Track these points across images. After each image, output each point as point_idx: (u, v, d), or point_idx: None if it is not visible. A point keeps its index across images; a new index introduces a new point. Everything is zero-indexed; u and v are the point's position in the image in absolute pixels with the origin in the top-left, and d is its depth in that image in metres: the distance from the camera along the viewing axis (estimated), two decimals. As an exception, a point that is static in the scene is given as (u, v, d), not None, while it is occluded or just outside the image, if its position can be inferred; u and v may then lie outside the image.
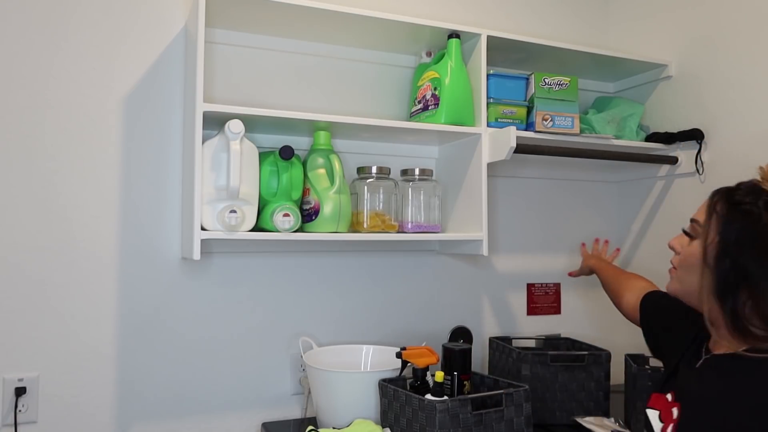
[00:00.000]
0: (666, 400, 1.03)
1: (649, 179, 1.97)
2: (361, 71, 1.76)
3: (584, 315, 2.07)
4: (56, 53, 1.45)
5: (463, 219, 1.68)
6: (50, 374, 1.42)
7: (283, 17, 1.51)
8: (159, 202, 1.53)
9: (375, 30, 1.60)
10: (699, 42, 1.79)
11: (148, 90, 1.53)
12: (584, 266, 1.81)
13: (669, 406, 1.00)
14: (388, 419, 1.32)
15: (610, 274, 1.59)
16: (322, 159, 1.51)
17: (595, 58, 1.81)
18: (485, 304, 1.92)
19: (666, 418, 1.00)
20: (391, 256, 1.79)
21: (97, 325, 1.47)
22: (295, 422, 1.59)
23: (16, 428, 1.37)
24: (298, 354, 1.62)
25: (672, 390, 1.03)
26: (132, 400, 1.49)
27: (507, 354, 1.65)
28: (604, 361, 1.59)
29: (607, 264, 1.68)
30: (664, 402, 1.03)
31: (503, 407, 1.25)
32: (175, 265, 1.54)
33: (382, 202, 1.56)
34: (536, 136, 1.66)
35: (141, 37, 1.53)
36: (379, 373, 1.40)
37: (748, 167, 1.62)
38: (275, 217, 1.39)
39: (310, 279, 1.69)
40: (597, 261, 1.73)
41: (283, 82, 1.67)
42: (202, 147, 1.35)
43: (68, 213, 1.45)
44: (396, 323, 1.79)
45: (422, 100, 1.65)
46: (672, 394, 1.03)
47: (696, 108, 1.79)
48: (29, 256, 1.41)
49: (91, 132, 1.48)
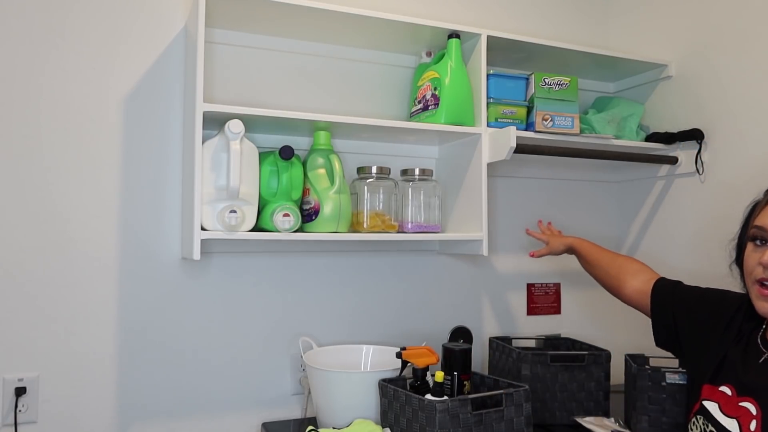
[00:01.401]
0: (725, 394, 1.07)
1: (649, 179, 1.97)
2: (361, 71, 1.76)
3: (584, 315, 2.07)
4: (56, 53, 1.45)
5: (463, 219, 1.68)
6: (50, 374, 1.42)
7: (283, 17, 1.51)
8: (159, 202, 1.53)
9: (375, 30, 1.60)
10: (699, 42, 1.79)
11: (148, 90, 1.53)
12: (557, 245, 1.64)
13: (733, 400, 1.05)
14: (388, 419, 1.32)
15: (598, 254, 1.53)
16: (322, 159, 1.51)
17: (595, 58, 1.81)
18: (485, 304, 1.92)
19: (734, 412, 1.04)
20: (391, 256, 1.79)
21: (97, 325, 1.47)
22: (295, 422, 1.59)
23: (16, 428, 1.37)
24: (298, 354, 1.62)
25: (728, 383, 1.08)
26: (132, 400, 1.49)
27: (507, 354, 1.65)
28: (604, 361, 1.59)
29: (589, 243, 1.59)
30: (722, 395, 1.08)
31: (503, 407, 1.25)
32: (175, 265, 1.54)
33: (382, 202, 1.56)
34: (536, 136, 1.66)
35: (141, 37, 1.53)
36: (379, 373, 1.40)
37: (748, 167, 1.63)
38: (275, 217, 1.39)
39: (310, 279, 1.69)
40: (577, 240, 1.62)
41: (283, 82, 1.67)
42: (202, 147, 1.35)
43: (68, 213, 1.45)
44: (396, 323, 1.79)
45: (422, 100, 1.65)
46: (730, 387, 1.07)
47: (696, 108, 1.79)
48: (29, 256, 1.41)
49: (91, 132, 1.48)
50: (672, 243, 1.87)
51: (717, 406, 1.08)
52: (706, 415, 1.10)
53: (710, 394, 1.11)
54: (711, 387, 1.11)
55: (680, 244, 1.83)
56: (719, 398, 1.09)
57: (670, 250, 1.87)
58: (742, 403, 1.04)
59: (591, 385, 1.58)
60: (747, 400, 1.04)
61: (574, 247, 1.60)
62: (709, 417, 1.08)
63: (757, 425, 1.00)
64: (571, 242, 1.61)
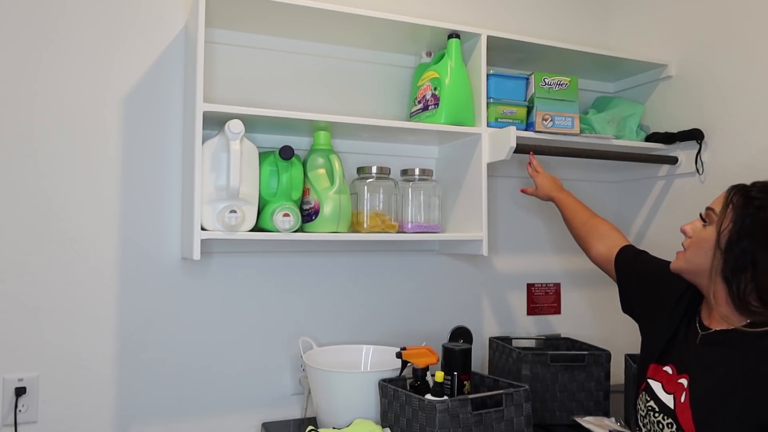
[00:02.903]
0: (666, 372, 1.15)
1: (649, 179, 1.97)
2: (361, 71, 1.76)
3: (584, 315, 2.07)
4: (56, 53, 1.45)
5: (463, 219, 1.68)
6: (50, 374, 1.42)
7: (283, 17, 1.51)
8: (159, 202, 1.53)
9: (375, 30, 1.60)
10: (699, 42, 1.79)
11: (148, 90, 1.53)
12: (543, 193, 1.63)
13: (673, 378, 1.13)
14: (388, 419, 1.32)
15: (575, 212, 1.53)
16: (322, 159, 1.51)
17: (595, 58, 1.81)
18: (485, 304, 1.92)
19: (673, 388, 1.11)
20: (391, 256, 1.79)
21: (97, 325, 1.47)
22: (295, 422, 1.59)
23: (16, 428, 1.37)
24: (298, 354, 1.62)
25: (670, 363, 1.15)
26: (132, 400, 1.49)
27: (507, 354, 1.65)
28: (604, 361, 1.59)
29: (569, 197, 1.58)
30: (664, 374, 1.15)
31: (503, 407, 1.25)
32: (175, 265, 1.54)
33: (382, 202, 1.56)
34: (536, 136, 1.66)
35: (141, 36, 1.53)
36: (379, 373, 1.40)
37: (748, 167, 1.63)
38: (275, 217, 1.39)
39: (310, 279, 1.69)
40: (559, 193, 1.59)
41: (283, 82, 1.67)
42: (202, 147, 1.35)
43: (68, 213, 1.45)
44: (396, 323, 1.79)
45: (422, 100, 1.65)
46: (672, 366, 1.14)
47: (696, 108, 1.79)
48: (29, 255, 1.41)
49: (91, 132, 1.47)
50: (672, 243, 1.86)
51: (660, 385, 1.15)
52: (649, 392, 1.16)
53: (654, 373, 1.18)
54: (656, 366, 1.18)
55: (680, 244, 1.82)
56: (662, 377, 1.15)
57: (670, 250, 1.87)
58: (679, 379, 1.11)
59: (591, 385, 1.58)
60: (683, 376, 1.11)
61: (556, 201, 1.60)
62: (652, 394, 1.15)
63: (686, 397, 1.07)
64: (555, 196, 1.60)
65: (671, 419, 1.09)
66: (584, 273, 2.06)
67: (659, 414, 1.12)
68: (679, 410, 1.08)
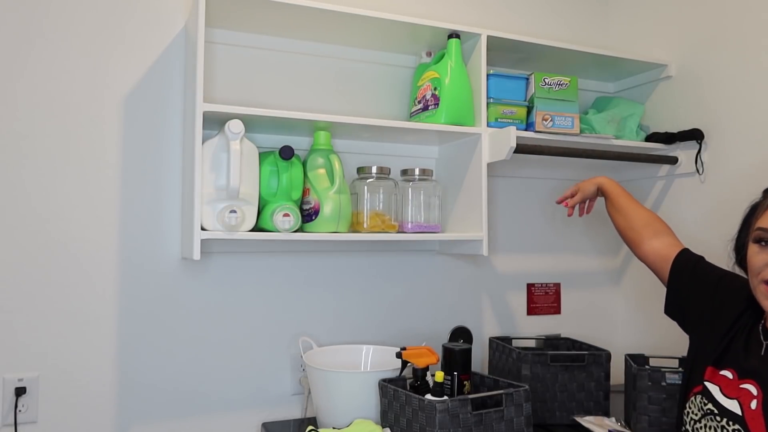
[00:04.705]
0: (725, 377, 1.12)
1: (649, 179, 1.97)
2: (361, 71, 1.76)
3: (584, 315, 2.07)
4: (55, 53, 1.45)
5: (463, 219, 1.68)
6: (50, 374, 1.42)
7: (283, 17, 1.51)
8: (159, 202, 1.53)
9: (375, 30, 1.60)
10: (699, 42, 1.79)
11: (148, 90, 1.53)
12: (588, 186, 1.55)
13: (734, 383, 1.10)
14: (388, 419, 1.32)
15: (626, 201, 1.46)
16: (322, 159, 1.51)
17: (595, 58, 1.81)
18: (485, 304, 1.92)
19: (735, 393, 1.08)
20: (391, 256, 1.80)
21: (97, 325, 1.47)
22: (295, 422, 1.59)
23: (16, 428, 1.37)
24: (298, 354, 1.62)
25: (729, 367, 1.12)
26: (132, 400, 1.49)
27: (507, 354, 1.65)
28: (604, 361, 1.59)
29: (620, 188, 1.50)
30: (723, 378, 1.12)
31: (503, 407, 1.25)
32: (175, 265, 1.54)
33: (382, 202, 1.56)
34: (536, 136, 1.66)
35: (141, 37, 1.53)
36: (379, 373, 1.40)
37: (748, 167, 1.63)
38: (275, 217, 1.39)
39: (310, 279, 1.69)
40: (609, 181, 1.51)
41: (283, 82, 1.67)
42: (202, 147, 1.35)
43: (68, 213, 1.45)
44: (396, 323, 1.79)
45: (422, 100, 1.65)
46: (731, 371, 1.11)
47: (696, 108, 1.79)
48: (29, 256, 1.41)
49: (91, 132, 1.48)
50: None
51: (718, 388, 1.11)
52: (707, 395, 1.13)
53: (712, 376, 1.14)
54: (713, 369, 1.14)
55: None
56: (720, 381, 1.12)
57: (670, 250, 1.87)
58: (743, 385, 1.08)
59: (591, 385, 1.58)
60: (748, 382, 1.07)
61: (604, 188, 1.51)
62: (710, 397, 1.12)
63: (758, 404, 1.04)
64: (602, 181, 1.52)
65: (738, 425, 1.05)
66: (584, 273, 2.06)
67: (722, 418, 1.08)
68: (749, 417, 1.04)
